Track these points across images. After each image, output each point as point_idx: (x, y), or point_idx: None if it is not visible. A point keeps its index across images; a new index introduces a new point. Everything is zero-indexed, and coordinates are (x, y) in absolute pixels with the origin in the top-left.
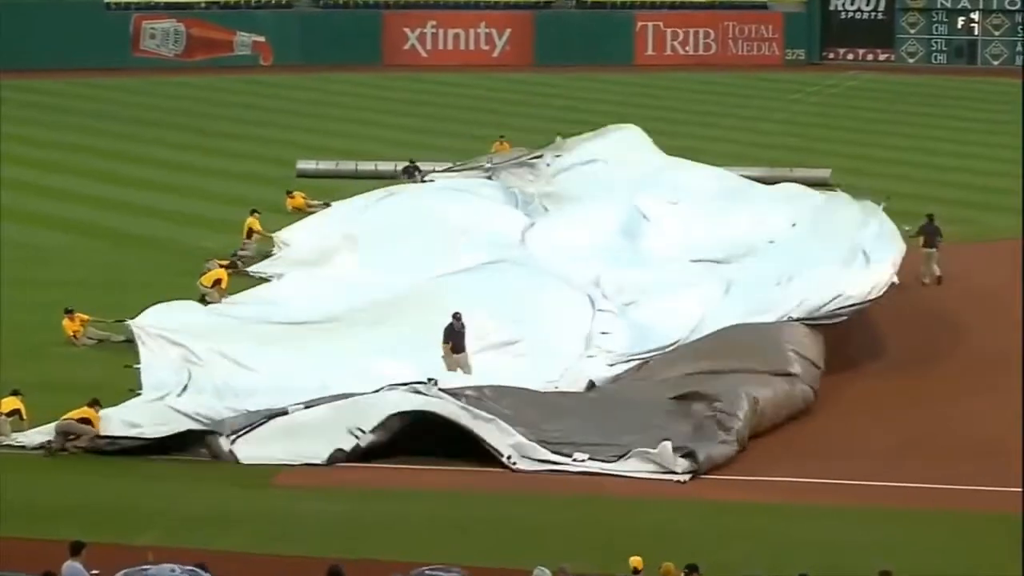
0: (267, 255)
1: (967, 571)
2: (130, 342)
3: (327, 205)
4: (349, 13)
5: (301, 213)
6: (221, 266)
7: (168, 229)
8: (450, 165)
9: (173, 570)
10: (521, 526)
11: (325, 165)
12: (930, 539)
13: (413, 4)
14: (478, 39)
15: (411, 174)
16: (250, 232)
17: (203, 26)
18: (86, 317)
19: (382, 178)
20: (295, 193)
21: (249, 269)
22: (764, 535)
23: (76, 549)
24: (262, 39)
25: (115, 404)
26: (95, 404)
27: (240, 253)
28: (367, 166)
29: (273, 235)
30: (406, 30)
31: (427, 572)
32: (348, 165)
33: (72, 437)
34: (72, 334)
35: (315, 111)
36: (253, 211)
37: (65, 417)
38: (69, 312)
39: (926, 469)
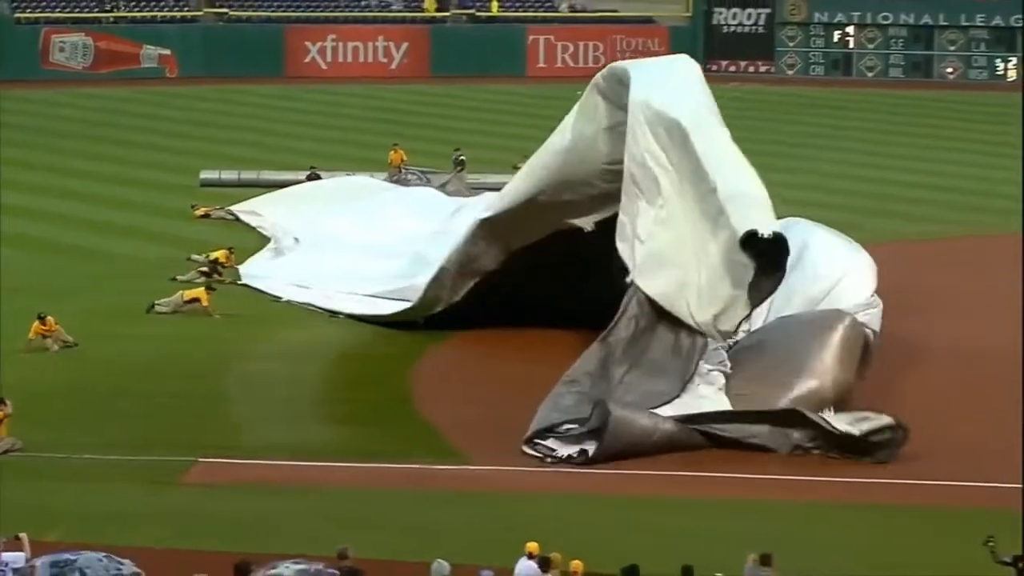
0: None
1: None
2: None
3: (236, 215)
4: (252, 27)
5: (208, 219)
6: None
7: (75, 235)
8: None
9: (100, 559)
10: (419, 522)
11: (227, 175)
12: (812, 531)
13: (314, 19)
14: (376, 52)
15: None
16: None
17: (111, 40)
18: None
19: (284, 186)
20: (199, 205)
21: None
22: (660, 528)
23: None
24: (168, 52)
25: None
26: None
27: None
28: (269, 175)
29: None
30: (307, 43)
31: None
32: (250, 174)
33: None
34: (38, 335)
35: (219, 121)
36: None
37: None
38: (42, 317)
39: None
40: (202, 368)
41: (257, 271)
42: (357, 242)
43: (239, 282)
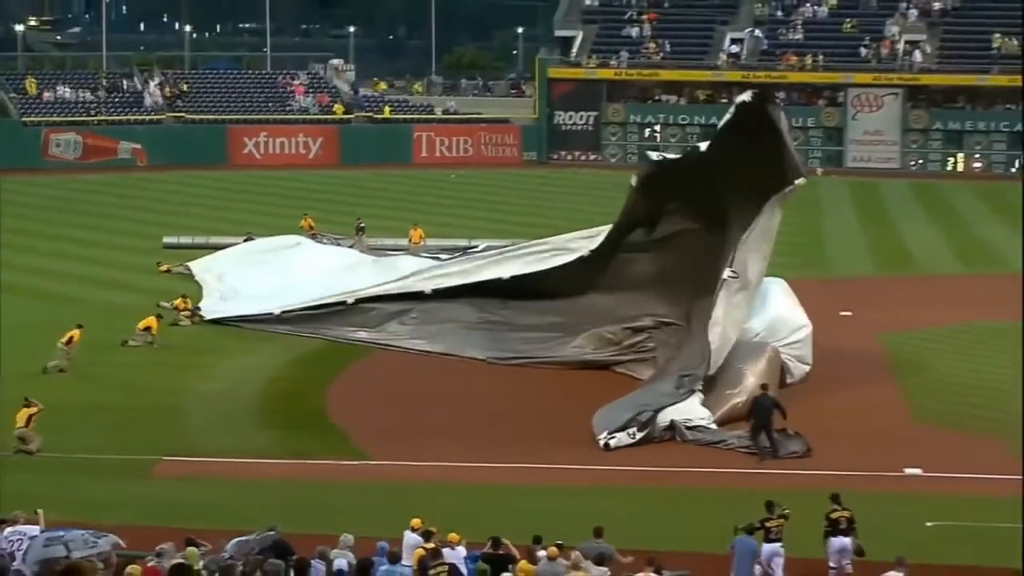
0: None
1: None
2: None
3: (187, 269)
4: (202, 127)
5: (170, 274)
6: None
7: (64, 286)
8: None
9: (83, 535)
10: (330, 504)
11: (184, 239)
12: (639, 509)
13: (250, 120)
14: (298, 145)
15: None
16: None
17: (95, 137)
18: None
19: (227, 247)
20: (163, 262)
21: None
22: (521, 510)
23: None
24: (139, 146)
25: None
26: (28, 404)
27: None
28: (216, 239)
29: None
30: (245, 139)
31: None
32: (202, 238)
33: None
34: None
35: (178, 199)
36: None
37: (18, 426)
38: (80, 327)
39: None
40: (165, 387)
41: (216, 308)
42: (289, 280)
43: (207, 319)
